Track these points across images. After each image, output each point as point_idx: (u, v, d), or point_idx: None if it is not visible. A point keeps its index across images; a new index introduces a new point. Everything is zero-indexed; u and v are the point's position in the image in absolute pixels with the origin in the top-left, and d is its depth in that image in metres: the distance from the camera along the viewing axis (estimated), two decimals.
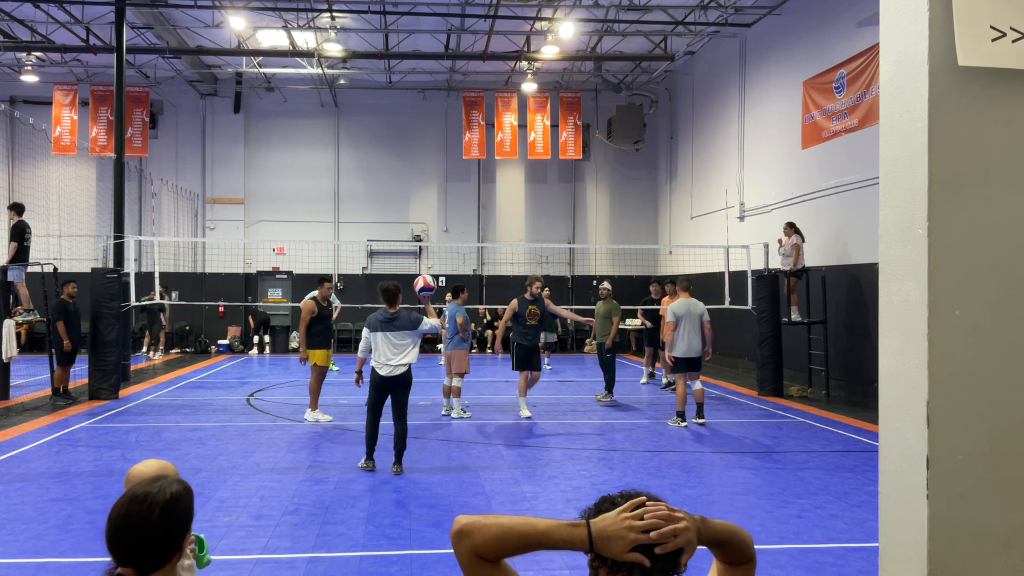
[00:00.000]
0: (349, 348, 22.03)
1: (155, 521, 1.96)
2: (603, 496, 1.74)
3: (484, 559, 1.64)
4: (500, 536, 1.62)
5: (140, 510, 1.96)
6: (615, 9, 17.45)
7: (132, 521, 1.95)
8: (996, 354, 1.64)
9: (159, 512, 1.96)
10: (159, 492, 2.00)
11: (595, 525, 1.59)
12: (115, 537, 1.96)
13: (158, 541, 1.97)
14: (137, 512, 1.95)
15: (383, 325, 8.19)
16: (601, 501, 1.72)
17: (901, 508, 1.69)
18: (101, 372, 13.01)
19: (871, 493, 7.26)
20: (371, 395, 8.25)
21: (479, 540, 1.62)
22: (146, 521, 1.95)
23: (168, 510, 1.98)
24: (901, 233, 1.71)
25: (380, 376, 8.12)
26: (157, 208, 23.01)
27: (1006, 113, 1.66)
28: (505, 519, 1.64)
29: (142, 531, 1.95)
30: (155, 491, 2.00)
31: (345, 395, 13.44)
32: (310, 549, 5.72)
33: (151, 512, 1.96)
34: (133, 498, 1.98)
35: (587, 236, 23.94)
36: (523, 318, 11.55)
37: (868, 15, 12.99)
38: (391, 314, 8.25)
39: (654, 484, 7.66)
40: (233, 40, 19.44)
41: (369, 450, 8.20)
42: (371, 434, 8.20)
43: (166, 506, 1.98)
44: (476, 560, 1.64)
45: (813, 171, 14.88)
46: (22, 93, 22.34)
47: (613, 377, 13.01)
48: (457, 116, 23.05)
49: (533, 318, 11.55)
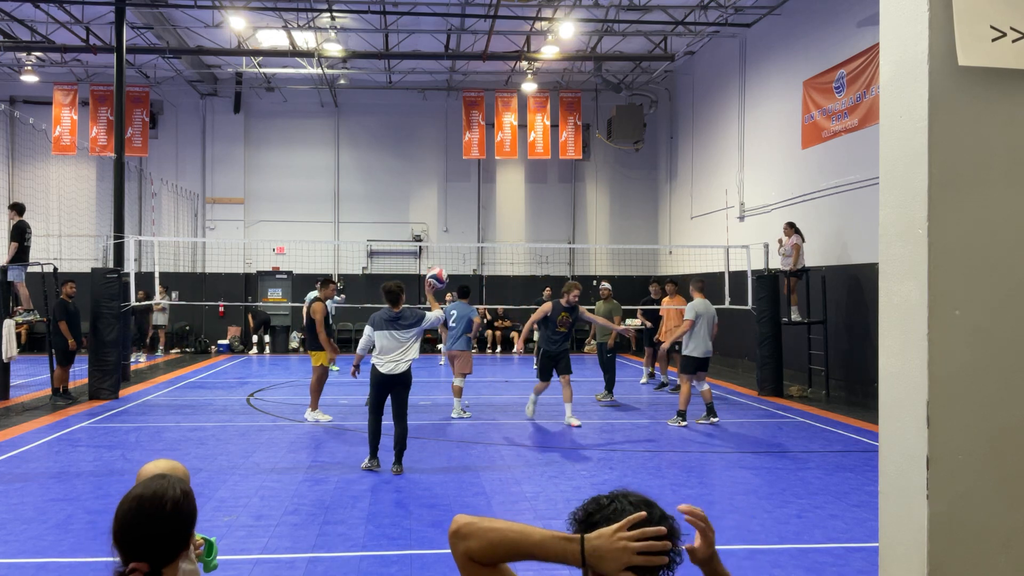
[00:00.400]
0: (349, 348, 22.03)
1: (168, 515, 2.00)
2: (592, 498, 1.72)
3: (479, 564, 1.64)
4: (494, 542, 1.61)
5: (153, 505, 2.00)
6: (615, 9, 17.45)
7: (145, 516, 1.99)
8: (996, 354, 1.64)
9: (171, 506, 2.01)
10: (170, 487, 2.05)
11: (589, 542, 1.58)
12: (127, 532, 2.00)
13: (170, 535, 2.02)
14: (151, 507, 1.99)
15: (387, 324, 8.20)
16: (589, 503, 1.71)
17: (901, 508, 1.69)
18: (101, 372, 13.01)
19: (871, 493, 7.26)
20: (372, 394, 8.26)
21: (474, 545, 1.62)
22: (159, 515, 1.99)
23: (179, 504, 2.04)
24: (901, 233, 1.71)
25: (380, 373, 8.12)
26: (157, 208, 23.01)
27: (1006, 113, 1.66)
28: (501, 525, 1.63)
29: (156, 525, 1.99)
30: (166, 486, 2.05)
31: (345, 395, 13.44)
32: (310, 549, 5.72)
33: (163, 506, 2.00)
34: (144, 493, 2.02)
35: (587, 236, 23.94)
36: (553, 324, 11.06)
37: (868, 15, 12.99)
38: (395, 313, 8.28)
39: (654, 484, 7.66)
40: (233, 40, 19.44)
41: (373, 449, 8.20)
42: (374, 433, 8.20)
43: (177, 501, 2.03)
44: (470, 563, 1.65)
45: (813, 171, 14.88)
46: (22, 93, 22.34)
47: (613, 377, 13.01)
48: (457, 116, 23.05)
49: (563, 325, 11.08)
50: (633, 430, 10.59)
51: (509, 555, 1.62)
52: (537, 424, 11.00)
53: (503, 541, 1.61)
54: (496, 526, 1.63)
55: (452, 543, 1.66)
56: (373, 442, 8.21)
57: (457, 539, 1.65)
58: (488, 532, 1.62)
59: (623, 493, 1.73)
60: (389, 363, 8.11)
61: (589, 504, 1.72)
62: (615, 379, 13.14)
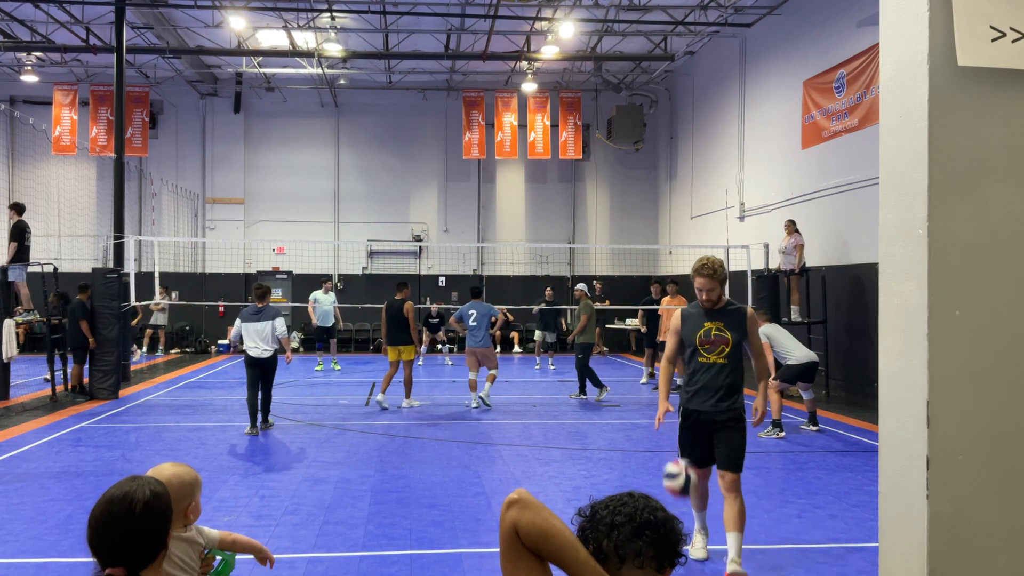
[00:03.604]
0: (349, 348, 22.05)
1: (139, 516, 1.96)
2: (593, 506, 1.75)
3: (519, 541, 1.64)
4: (546, 530, 1.62)
5: (122, 507, 1.95)
6: (615, 9, 17.45)
7: (116, 519, 1.95)
8: (996, 354, 1.64)
9: (142, 507, 1.96)
10: (139, 488, 2.00)
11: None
12: (99, 537, 1.95)
13: (143, 537, 1.97)
14: (120, 510, 1.95)
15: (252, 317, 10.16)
16: (591, 510, 1.75)
17: (901, 508, 1.69)
18: (101, 372, 13.03)
19: (871, 493, 7.26)
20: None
21: (526, 519, 1.62)
22: (129, 518, 1.95)
23: (149, 505, 1.98)
24: (901, 233, 1.71)
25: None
26: (157, 208, 23.01)
27: (1006, 113, 1.66)
28: (559, 523, 1.65)
29: (127, 528, 1.94)
30: (135, 488, 2.00)
31: (345, 395, 13.44)
32: (310, 549, 5.72)
33: (133, 508, 1.96)
34: (113, 497, 1.97)
35: (587, 236, 23.94)
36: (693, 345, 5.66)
37: (868, 15, 12.99)
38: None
39: (654, 484, 7.65)
40: (233, 40, 19.43)
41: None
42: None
43: (147, 502, 1.98)
44: (513, 535, 1.64)
45: (813, 171, 14.88)
46: (22, 93, 22.33)
47: (593, 375, 12.98)
48: (457, 116, 23.05)
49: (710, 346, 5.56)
50: (633, 430, 10.58)
51: (553, 550, 1.63)
52: (537, 424, 11.00)
53: (556, 534, 1.62)
54: (556, 520, 1.65)
55: (506, 508, 1.66)
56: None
57: (514, 506, 1.65)
58: (548, 518, 1.63)
59: (619, 496, 1.76)
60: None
61: (591, 508, 1.76)
62: (596, 377, 13.09)
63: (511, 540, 1.64)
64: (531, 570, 1.64)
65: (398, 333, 12.14)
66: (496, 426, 10.83)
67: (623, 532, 1.74)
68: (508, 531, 1.64)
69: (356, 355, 21.33)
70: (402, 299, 12.18)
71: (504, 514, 1.65)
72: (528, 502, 1.64)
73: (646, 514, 1.77)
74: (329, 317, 17.34)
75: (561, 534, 1.62)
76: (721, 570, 5.30)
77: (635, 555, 1.75)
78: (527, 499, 1.65)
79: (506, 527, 1.64)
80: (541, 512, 1.63)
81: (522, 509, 1.63)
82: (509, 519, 1.63)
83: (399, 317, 12.11)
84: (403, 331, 12.09)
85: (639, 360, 19.38)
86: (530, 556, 1.64)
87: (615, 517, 1.76)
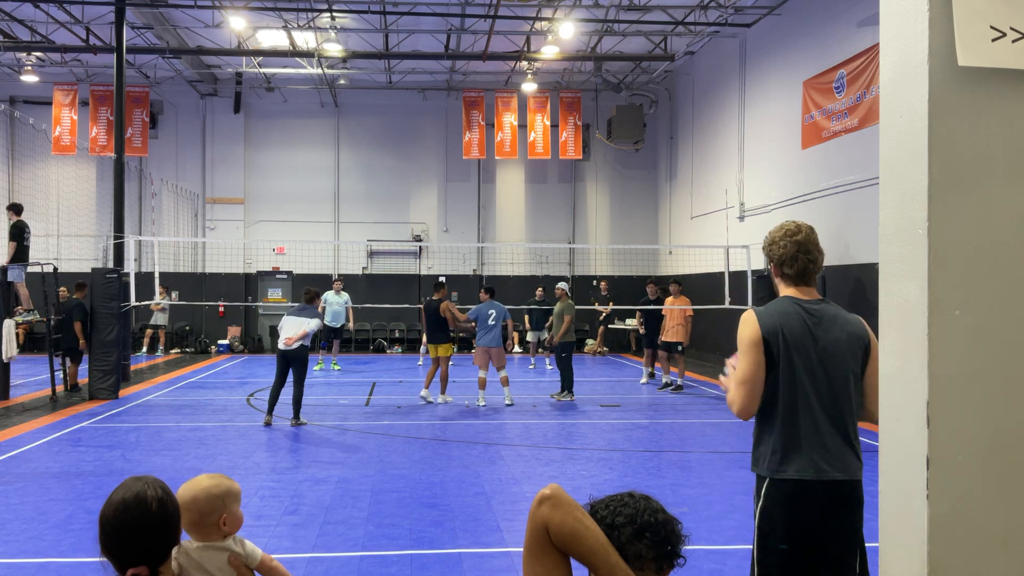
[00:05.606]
0: (350, 348, 22.04)
1: (156, 514, 2.01)
2: (593, 506, 1.74)
3: (548, 539, 1.63)
4: (577, 529, 1.61)
5: (138, 508, 2.00)
6: (615, 9, 17.45)
7: (133, 520, 1.99)
8: (996, 354, 1.64)
9: (157, 505, 2.02)
10: (149, 487, 2.05)
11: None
12: (116, 539, 1.99)
13: (162, 533, 2.03)
14: (136, 510, 2.00)
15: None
16: (591, 509, 1.74)
17: (901, 508, 1.69)
18: (101, 372, 13.02)
19: (871, 493, 7.24)
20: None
21: (558, 517, 1.61)
22: (146, 517, 2.00)
23: (163, 502, 2.04)
24: (901, 233, 1.71)
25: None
26: (157, 208, 23.01)
27: (1006, 113, 1.66)
28: (591, 523, 1.64)
29: (145, 527, 1.99)
30: (144, 486, 2.05)
31: (345, 395, 13.44)
32: (310, 549, 5.72)
33: (149, 507, 2.01)
34: (125, 498, 2.01)
35: (587, 236, 23.93)
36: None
37: (868, 15, 12.99)
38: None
39: (654, 484, 7.65)
40: (233, 40, 19.43)
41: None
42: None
43: (161, 499, 2.04)
44: (543, 531, 1.63)
45: (813, 171, 14.88)
46: (22, 93, 22.33)
47: (569, 376, 12.98)
48: (457, 116, 23.05)
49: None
50: (633, 430, 10.58)
51: (584, 552, 1.61)
52: (536, 424, 11.00)
53: (588, 535, 1.61)
54: (588, 520, 1.64)
55: (537, 504, 1.64)
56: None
57: (546, 502, 1.63)
58: (580, 518, 1.62)
59: (619, 496, 1.76)
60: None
61: (592, 512, 1.76)
62: (572, 378, 13.12)
63: (540, 537, 1.62)
64: (554, 567, 1.63)
65: (436, 332, 12.65)
66: (496, 426, 10.83)
67: (624, 534, 1.74)
68: (539, 527, 1.62)
69: (356, 355, 21.33)
70: (439, 299, 12.69)
71: (536, 509, 1.63)
72: (560, 499, 1.63)
73: (647, 516, 1.76)
74: (340, 317, 17.49)
75: (593, 536, 1.61)
76: (721, 570, 5.29)
77: (635, 557, 1.75)
78: (560, 496, 1.64)
79: (537, 523, 1.62)
80: (573, 511, 1.62)
81: (554, 507, 1.62)
82: (541, 516, 1.62)
83: (437, 316, 12.59)
84: (440, 330, 12.59)
85: (639, 360, 19.38)
86: (556, 553, 1.63)
87: (616, 518, 1.75)
